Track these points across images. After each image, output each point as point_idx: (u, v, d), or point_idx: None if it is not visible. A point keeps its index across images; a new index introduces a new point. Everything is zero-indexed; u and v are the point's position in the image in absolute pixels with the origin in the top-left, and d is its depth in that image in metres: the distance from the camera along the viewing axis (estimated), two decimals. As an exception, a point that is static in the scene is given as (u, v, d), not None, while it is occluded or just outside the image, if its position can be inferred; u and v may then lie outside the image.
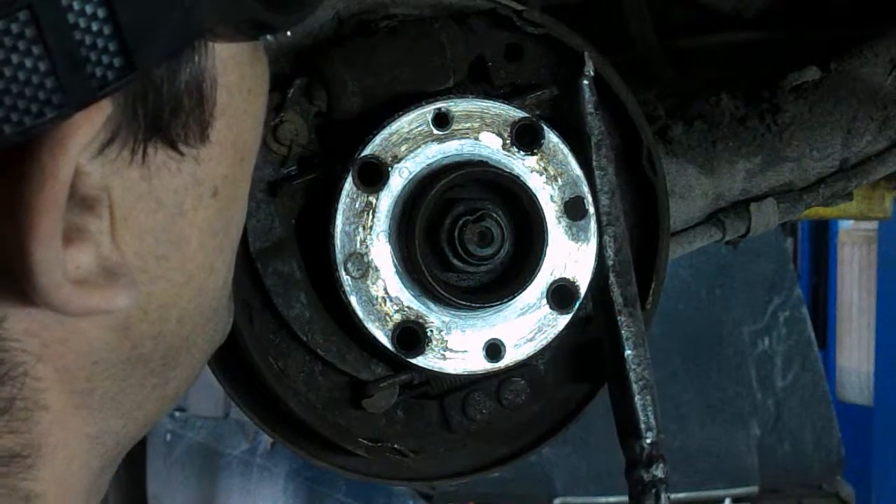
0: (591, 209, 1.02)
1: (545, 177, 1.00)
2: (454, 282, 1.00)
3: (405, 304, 0.97)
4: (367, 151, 0.96)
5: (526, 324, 1.00)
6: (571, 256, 1.01)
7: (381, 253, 0.97)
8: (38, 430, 0.54)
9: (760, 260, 5.01)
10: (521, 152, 1.00)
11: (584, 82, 1.02)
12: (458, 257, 0.97)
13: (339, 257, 0.96)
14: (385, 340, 0.97)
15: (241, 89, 0.57)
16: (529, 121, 1.00)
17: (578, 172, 1.01)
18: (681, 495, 4.36)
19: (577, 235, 1.01)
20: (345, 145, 0.97)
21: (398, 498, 4.47)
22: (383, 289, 0.97)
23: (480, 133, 0.99)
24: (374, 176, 0.96)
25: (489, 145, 0.99)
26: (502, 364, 1.00)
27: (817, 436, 4.92)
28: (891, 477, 6.51)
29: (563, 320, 1.01)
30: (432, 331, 0.98)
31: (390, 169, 0.96)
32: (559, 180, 1.01)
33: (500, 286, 0.99)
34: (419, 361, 0.98)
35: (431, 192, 0.95)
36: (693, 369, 4.82)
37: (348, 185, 0.96)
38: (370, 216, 0.96)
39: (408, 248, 0.96)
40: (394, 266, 0.97)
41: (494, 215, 0.97)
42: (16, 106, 0.46)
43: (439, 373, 0.99)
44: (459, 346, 0.99)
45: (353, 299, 0.96)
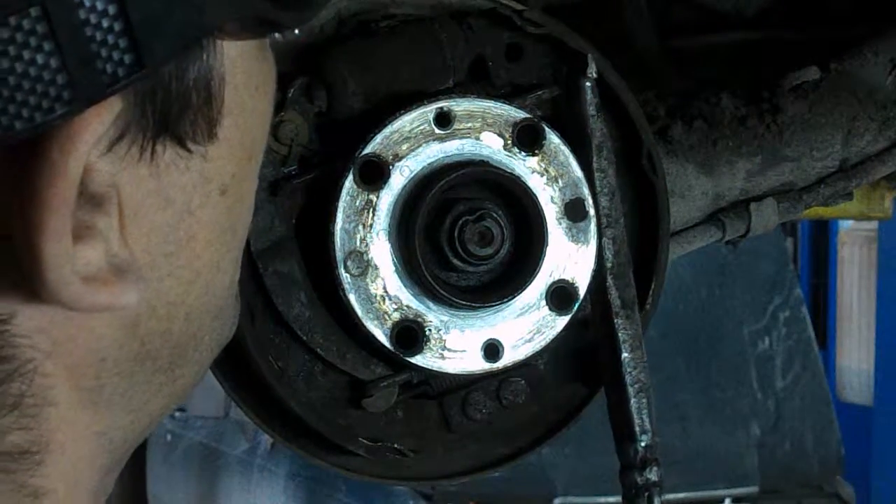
0: (592, 211, 1.02)
1: (546, 178, 1.00)
2: (453, 281, 1.00)
3: (404, 302, 0.97)
4: (369, 150, 0.96)
5: (525, 324, 1.00)
6: (571, 258, 1.01)
7: (381, 251, 0.97)
8: (46, 427, 0.55)
9: (760, 260, 5.00)
10: (523, 153, 1.00)
11: (587, 84, 1.02)
12: (457, 257, 0.97)
13: (338, 255, 0.96)
14: (383, 339, 0.97)
15: (248, 87, 0.57)
16: (531, 121, 1.00)
17: (579, 174, 1.01)
18: (681, 495, 4.36)
19: (576, 237, 1.01)
20: (345, 145, 0.97)
21: (398, 498, 4.46)
22: (382, 287, 0.97)
23: (482, 133, 0.99)
24: (374, 174, 0.96)
25: (490, 145, 0.99)
26: (500, 364, 1.00)
27: (817, 436, 4.92)
28: (891, 477, 6.50)
29: (562, 322, 1.01)
30: (431, 330, 0.98)
31: (391, 167, 0.96)
32: (560, 182, 1.01)
33: (499, 286, 0.99)
34: (417, 360, 0.98)
35: (432, 191, 0.95)
36: (693, 369, 4.82)
37: (349, 182, 0.96)
38: (370, 214, 0.96)
39: (407, 246, 0.96)
40: (393, 265, 0.97)
41: (494, 215, 0.97)
42: (27, 102, 0.46)
43: (437, 372, 0.99)
44: (458, 345, 0.99)
45: (351, 297, 0.96)
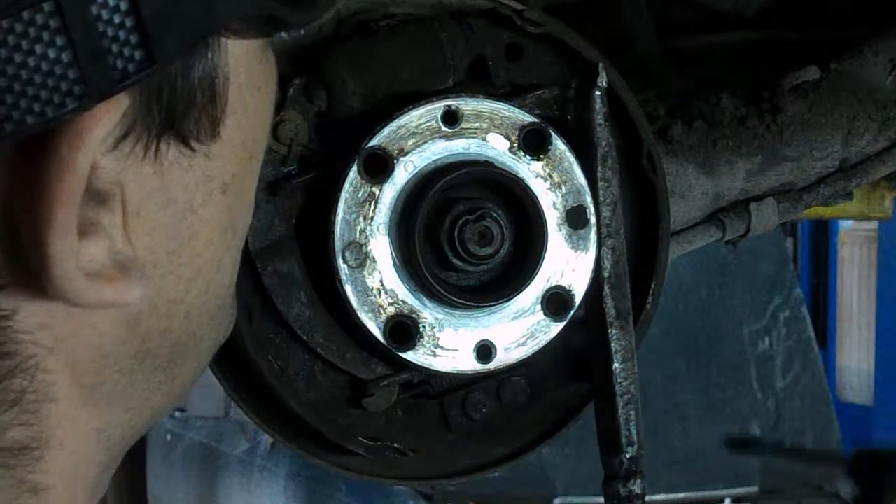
0: (593, 219, 1.01)
1: (549, 183, 1.00)
2: (451, 280, 1.00)
3: (400, 297, 0.97)
4: (375, 142, 0.96)
5: (519, 328, 1.00)
6: (569, 265, 1.01)
7: (380, 244, 0.96)
8: (46, 423, 0.55)
9: (760, 260, 5.00)
10: (528, 156, 1.00)
11: (597, 94, 1.02)
12: (457, 255, 0.97)
13: (337, 245, 0.96)
14: (377, 332, 0.97)
15: (250, 87, 0.58)
16: (539, 126, 0.99)
17: (583, 181, 1.01)
18: (681, 495, 4.36)
19: (576, 244, 1.01)
20: (345, 144, 0.97)
21: (398, 498, 4.46)
22: (379, 280, 0.97)
23: (488, 134, 0.99)
24: (379, 167, 0.96)
25: (496, 147, 0.99)
26: (492, 366, 1.00)
27: (817, 436, 4.92)
28: (891, 477, 6.49)
29: (556, 328, 1.01)
30: (424, 327, 0.98)
31: (396, 161, 0.96)
32: (563, 188, 1.01)
33: (496, 288, 0.99)
34: (409, 356, 0.98)
35: (435, 188, 0.95)
36: (693, 369, 4.81)
37: (353, 174, 0.95)
38: (372, 207, 0.96)
39: (407, 242, 0.96)
40: (391, 258, 0.97)
41: (495, 215, 0.97)
42: (38, 96, 0.46)
43: (428, 369, 0.99)
44: (451, 344, 0.99)
45: (348, 288, 0.96)
